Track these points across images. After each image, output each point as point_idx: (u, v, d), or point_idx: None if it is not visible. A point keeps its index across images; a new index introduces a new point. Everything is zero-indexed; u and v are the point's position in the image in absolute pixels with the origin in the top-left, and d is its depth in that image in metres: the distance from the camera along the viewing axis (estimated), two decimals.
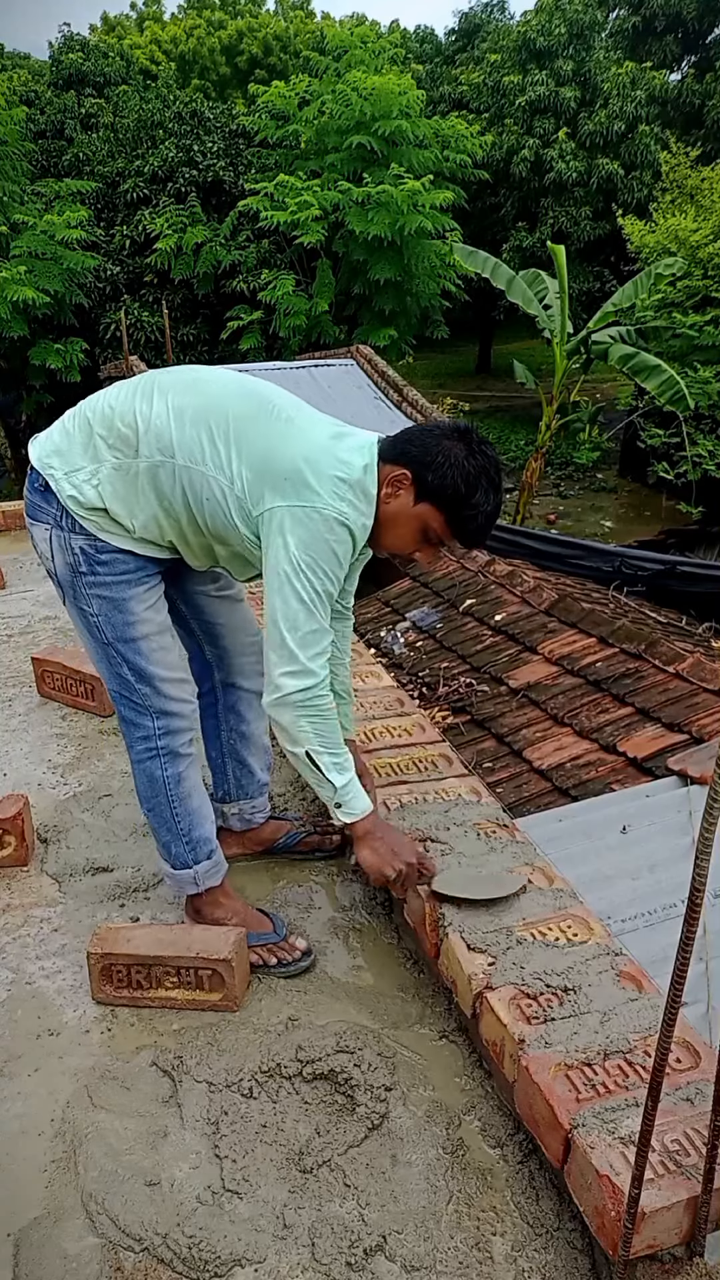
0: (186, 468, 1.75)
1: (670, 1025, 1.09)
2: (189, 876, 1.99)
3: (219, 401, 1.78)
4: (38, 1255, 1.44)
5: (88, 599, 1.84)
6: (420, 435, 1.79)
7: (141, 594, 1.86)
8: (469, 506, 1.75)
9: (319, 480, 1.72)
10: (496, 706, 4.59)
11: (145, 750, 1.93)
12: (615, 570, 7.02)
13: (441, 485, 1.74)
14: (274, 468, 1.73)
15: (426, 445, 1.75)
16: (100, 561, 1.81)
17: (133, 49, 24.09)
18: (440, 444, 1.75)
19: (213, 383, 1.83)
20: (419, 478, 1.75)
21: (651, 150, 18.46)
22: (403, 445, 1.78)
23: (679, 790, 3.40)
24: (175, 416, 1.76)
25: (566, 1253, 1.42)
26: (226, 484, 1.74)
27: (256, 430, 1.76)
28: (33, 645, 3.47)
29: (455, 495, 1.74)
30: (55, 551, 1.84)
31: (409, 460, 1.76)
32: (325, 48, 17.95)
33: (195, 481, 1.75)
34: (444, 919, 1.81)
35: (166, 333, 10.11)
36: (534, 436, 13.31)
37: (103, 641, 1.87)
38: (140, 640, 1.86)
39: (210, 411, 1.76)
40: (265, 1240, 1.44)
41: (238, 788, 2.23)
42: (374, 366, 11.74)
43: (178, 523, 1.81)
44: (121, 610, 1.84)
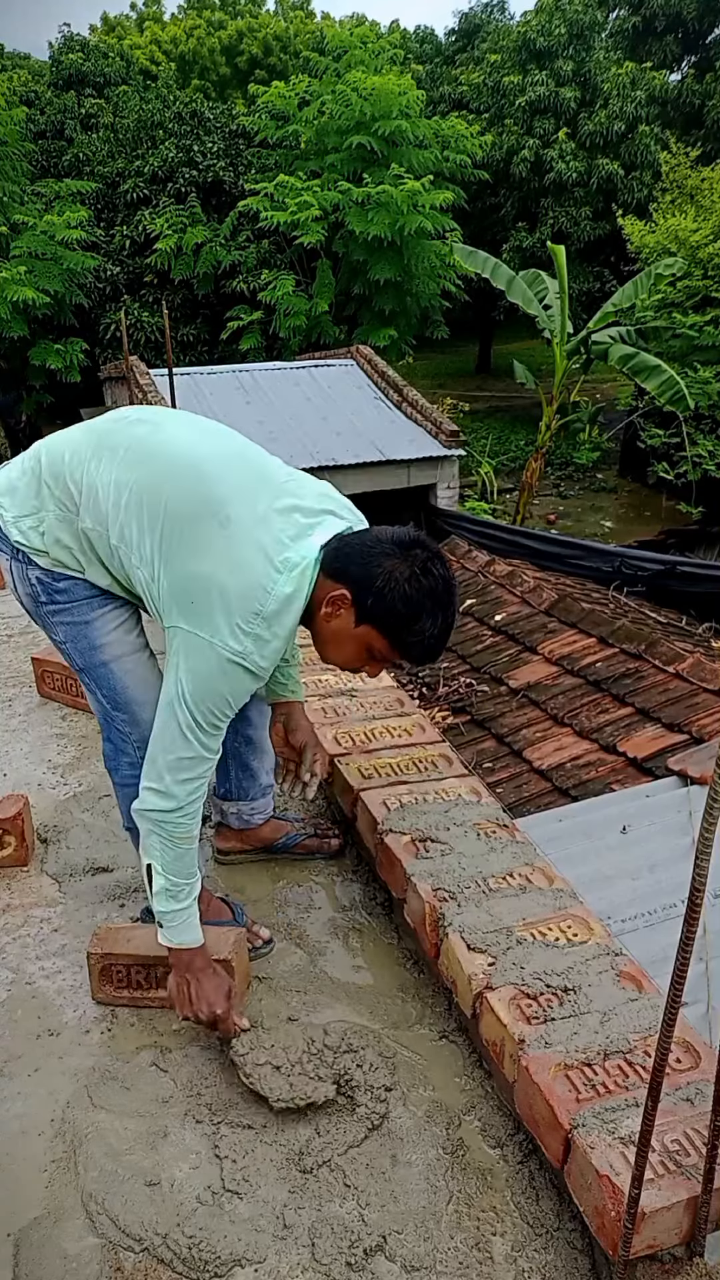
0: (118, 547, 1.68)
1: (670, 1025, 1.09)
2: None
3: (160, 489, 1.64)
4: (38, 1255, 1.44)
5: (54, 628, 1.82)
6: (362, 551, 1.62)
7: (106, 615, 1.80)
8: (412, 633, 1.63)
9: (227, 613, 1.57)
10: (496, 706, 4.59)
11: (130, 776, 1.83)
12: (615, 570, 7.02)
13: (382, 610, 1.61)
14: (188, 586, 1.60)
15: (368, 565, 1.60)
16: (58, 590, 1.78)
17: (133, 49, 24.11)
18: (382, 564, 1.59)
19: (162, 458, 1.68)
20: (358, 600, 1.61)
21: (651, 150, 18.48)
22: (344, 561, 1.63)
23: (679, 790, 3.40)
24: (115, 492, 1.67)
25: (566, 1253, 1.42)
26: (148, 579, 1.66)
27: (185, 536, 1.61)
28: (33, 645, 3.47)
29: (396, 621, 1.62)
30: (17, 582, 1.81)
31: (349, 580, 1.62)
32: (325, 48, 17.98)
33: (125, 562, 1.69)
34: (444, 919, 1.81)
35: (166, 333, 10.08)
36: (534, 436, 13.31)
37: (77, 667, 1.84)
38: (111, 663, 1.81)
39: (148, 498, 1.64)
40: (265, 1240, 1.44)
41: (238, 788, 2.21)
42: (374, 366, 11.74)
43: (127, 580, 1.73)
44: (86, 636, 1.80)
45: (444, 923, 1.80)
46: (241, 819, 2.24)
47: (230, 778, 2.19)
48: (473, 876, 1.91)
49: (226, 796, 2.23)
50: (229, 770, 2.18)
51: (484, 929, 1.76)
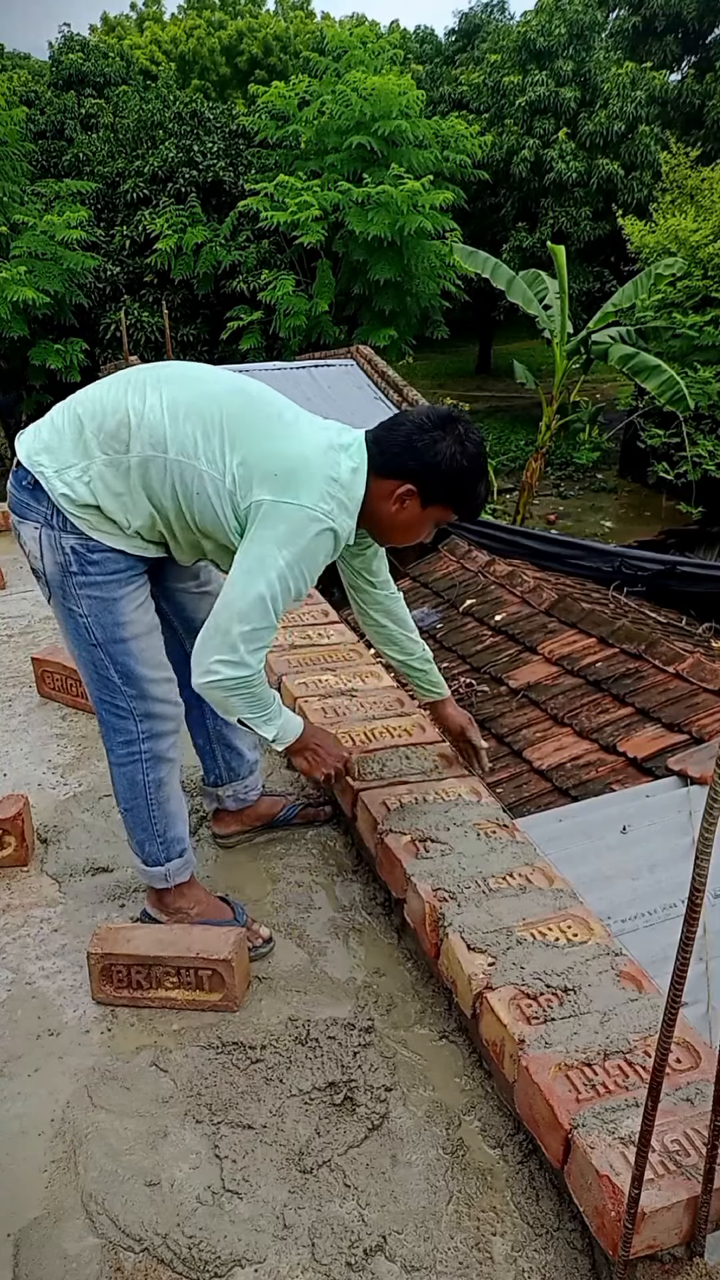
0: (179, 462, 1.74)
1: (670, 1025, 1.09)
2: (160, 873, 2.01)
3: (213, 397, 1.78)
4: (38, 1255, 1.44)
5: (77, 599, 1.82)
6: (409, 445, 1.79)
7: (131, 593, 1.85)
8: (474, 496, 1.86)
9: (309, 478, 1.73)
10: (496, 706, 4.59)
11: (127, 754, 1.92)
12: (615, 570, 7.01)
13: (448, 489, 1.82)
14: (265, 463, 1.73)
15: (421, 455, 1.78)
16: (91, 561, 1.79)
17: (133, 49, 24.11)
18: (436, 450, 1.78)
19: (205, 378, 1.83)
20: (425, 489, 1.81)
21: (651, 150, 18.47)
22: (398, 458, 1.80)
23: (679, 790, 3.40)
24: (169, 411, 1.74)
25: (566, 1253, 1.42)
26: (218, 477, 1.74)
27: (250, 426, 1.76)
28: (33, 645, 3.47)
29: (461, 493, 1.84)
30: (45, 551, 1.81)
31: (410, 475, 1.80)
32: (325, 48, 17.97)
33: (186, 476, 1.74)
34: (444, 919, 1.81)
35: (166, 333, 10.11)
36: (534, 436, 13.31)
37: (91, 643, 1.85)
38: (130, 640, 1.85)
39: (204, 406, 1.76)
40: (265, 1240, 1.44)
41: (228, 770, 2.26)
42: (374, 366, 11.74)
43: (167, 518, 1.80)
44: (111, 611, 1.83)
45: (444, 923, 1.80)
46: (238, 799, 2.30)
47: (218, 763, 2.25)
48: (473, 876, 1.91)
49: (218, 783, 2.28)
50: (215, 755, 2.24)
51: (484, 929, 1.76)
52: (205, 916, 2.04)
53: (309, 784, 2.55)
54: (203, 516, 1.78)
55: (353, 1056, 1.71)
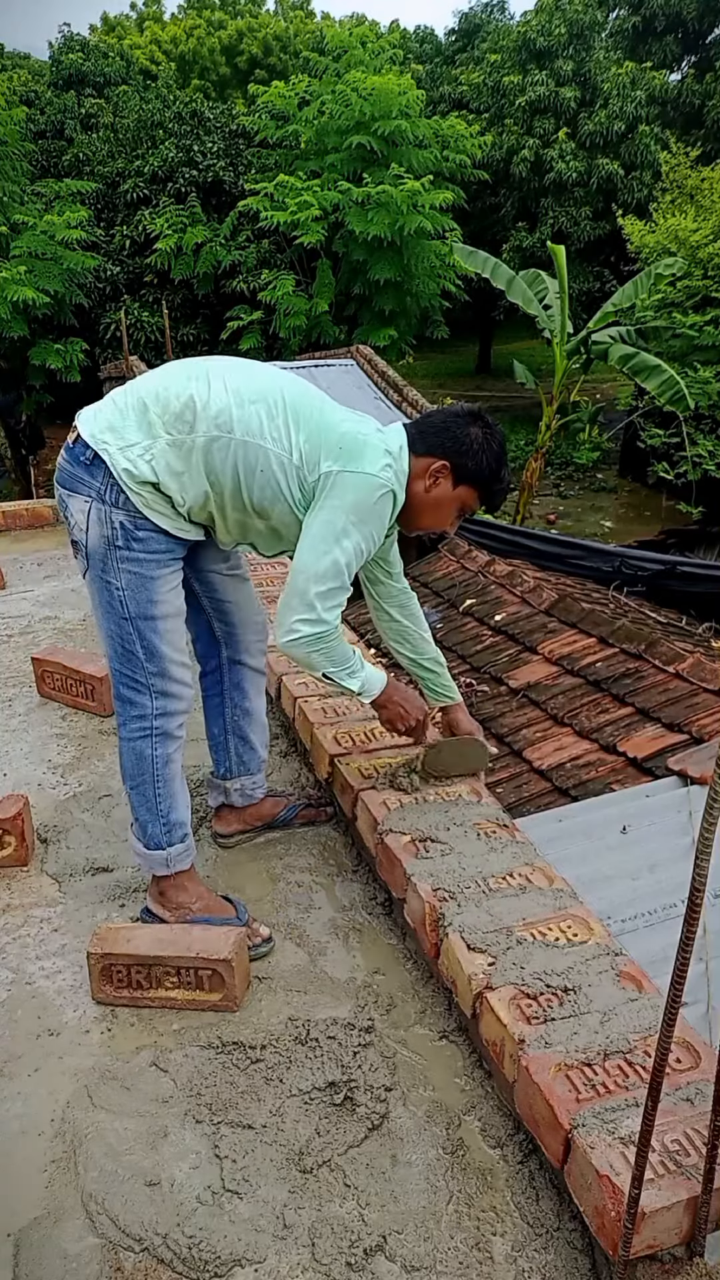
0: (244, 442, 1.87)
1: (670, 1025, 1.09)
2: (161, 858, 2.05)
3: (272, 384, 1.94)
4: (38, 1255, 1.44)
5: (118, 572, 1.91)
6: (446, 427, 2.00)
7: (167, 575, 1.95)
8: (499, 481, 2.04)
9: (370, 449, 1.91)
10: (496, 706, 4.59)
11: (139, 729, 2.00)
12: (615, 570, 7.01)
13: (479, 470, 2.00)
14: (329, 438, 1.91)
15: (457, 437, 1.98)
16: (137, 538, 1.89)
17: (133, 49, 24.10)
18: (467, 432, 1.99)
19: (259, 369, 2.00)
20: (458, 467, 1.99)
21: (651, 150, 18.46)
22: (434, 438, 2.00)
23: (679, 790, 3.40)
24: (234, 396, 1.88)
25: (566, 1253, 1.42)
26: (285, 454, 1.89)
27: (310, 408, 1.94)
28: (33, 645, 3.47)
29: (488, 476, 2.02)
30: (92, 524, 1.90)
31: (445, 452, 1.99)
32: (325, 48, 17.97)
33: (250, 455, 1.88)
34: (444, 919, 1.81)
35: (166, 333, 10.10)
36: (534, 436, 13.30)
37: (123, 616, 1.93)
38: (160, 620, 1.94)
39: (267, 391, 1.92)
40: (265, 1240, 1.44)
41: (239, 764, 2.32)
42: (374, 366, 11.73)
43: (221, 497, 1.91)
44: (147, 588, 1.92)
45: (444, 923, 1.80)
46: (245, 795, 2.37)
47: (230, 754, 2.31)
48: (473, 876, 1.91)
49: (228, 775, 2.33)
50: (229, 746, 2.31)
51: (484, 929, 1.76)
52: (207, 913, 2.05)
53: (309, 784, 2.56)
54: (262, 493, 1.91)
55: (353, 1056, 1.71)
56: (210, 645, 2.25)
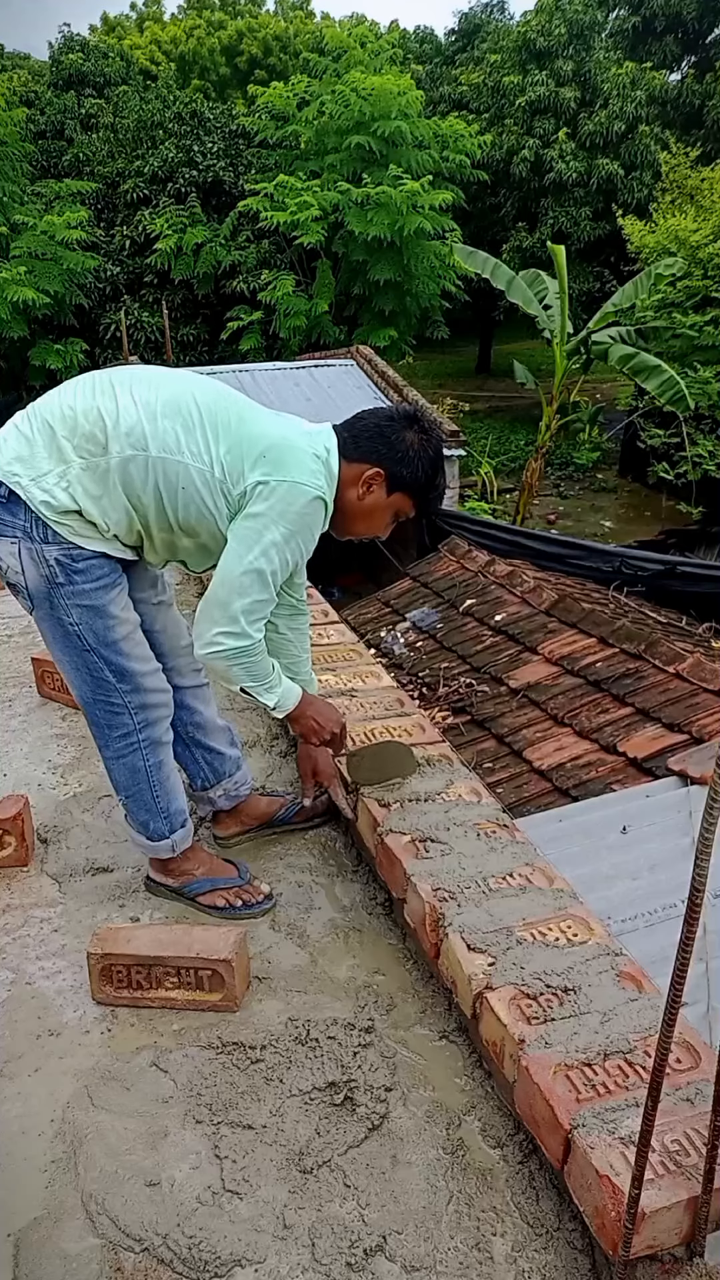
0: (161, 458, 1.77)
1: (670, 1025, 1.09)
2: (167, 846, 2.07)
3: (184, 393, 1.82)
4: (38, 1255, 1.44)
5: (67, 609, 1.83)
6: (380, 432, 1.91)
7: (116, 596, 1.88)
8: (434, 488, 1.96)
9: (297, 456, 1.81)
10: (496, 707, 4.59)
11: (126, 746, 1.97)
12: (615, 570, 7.01)
13: (414, 477, 1.91)
14: (252, 448, 1.80)
15: (391, 443, 1.89)
16: (77, 570, 1.81)
17: (133, 49, 24.13)
18: (402, 438, 1.90)
19: (171, 377, 1.87)
20: (392, 474, 1.90)
21: (651, 150, 18.48)
22: (367, 444, 1.90)
23: (679, 790, 3.40)
24: (144, 410, 1.77)
25: (566, 1253, 1.42)
26: (206, 469, 1.78)
27: (227, 415, 1.82)
28: (33, 645, 3.47)
29: (423, 482, 1.93)
30: (26, 565, 1.80)
31: (379, 459, 1.90)
32: (325, 48, 17.98)
33: (170, 471, 1.77)
34: (444, 919, 1.81)
35: (166, 333, 10.12)
36: (534, 436, 13.31)
37: (83, 649, 1.87)
38: (121, 641, 1.88)
39: (180, 402, 1.80)
40: (265, 1240, 1.44)
41: (213, 772, 2.26)
42: (374, 367, 11.74)
43: (145, 517, 1.82)
44: (102, 616, 1.85)
45: (444, 923, 1.80)
46: (230, 796, 2.30)
47: (201, 766, 2.25)
48: (473, 876, 1.91)
49: (205, 786, 2.28)
50: (197, 760, 2.24)
51: (484, 929, 1.76)
52: (211, 875, 2.10)
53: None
54: (186, 511, 1.81)
55: (353, 1056, 1.71)
56: None
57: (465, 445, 11.32)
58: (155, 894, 2.18)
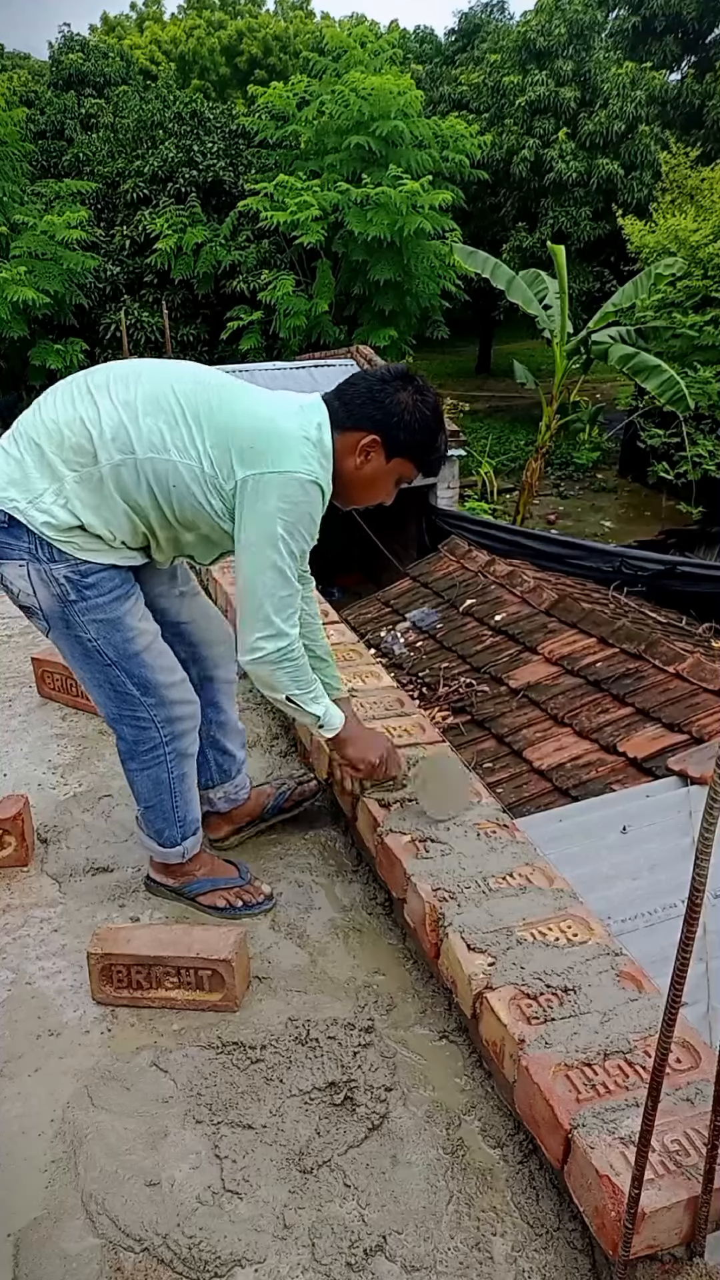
0: (150, 459, 1.74)
1: (670, 1025, 1.09)
2: (178, 852, 2.08)
3: (164, 387, 1.78)
4: (38, 1255, 1.44)
5: (84, 626, 1.82)
6: (372, 395, 1.82)
7: (132, 607, 1.86)
8: (434, 449, 1.88)
9: (285, 442, 1.76)
10: (496, 706, 4.59)
11: (153, 759, 1.96)
12: (615, 570, 7.02)
13: (412, 440, 1.84)
14: (238, 439, 1.75)
15: (385, 406, 1.81)
16: (88, 585, 1.79)
17: (133, 49, 24.13)
18: (396, 399, 1.81)
19: (147, 371, 1.82)
20: (390, 439, 1.83)
21: (651, 150, 18.48)
22: (359, 409, 1.82)
23: (679, 790, 3.40)
24: (125, 412, 1.74)
25: (566, 1253, 1.42)
26: (194, 464, 1.75)
27: (209, 405, 1.77)
28: (33, 645, 3.47)
29: (422, 445, 1.86)
30: (37, 586, 1.79)
31: (374, 425, 1.82)
32: (324, 48, 17.97)
33: (160, 471, 1.75)
34: (444, 919, 1.81)
35: (166, 333, 10.11)
36: (534, 436, 13.30)
37: (105, 664, 1.85)
38: (143, 653, 1.87)
39: (159, 398, 1.76)
40: (265, 1240, 1.44)
41: (220, 773, 2.26)
42: (374, 367, 11.72)
43: (146, 519, 1.80)
44: (120, 629, 1.84)
45: (444, 923, 1.80)
46: (229, 799, 2.31)
47: (210, 766, 2.25)
48: (473, 876, 1.91)
49: (210, 785, 2.27)
50: (208, 759, 2.23)
51: (484, 929, 1.76)
52: (211, 875, 2.11)
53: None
54: (182, 508, 1.79)
55: (353, 1056, 1.71)
56: None
57: (465, 445, 11.32)
58: (155, 894, 2.18)
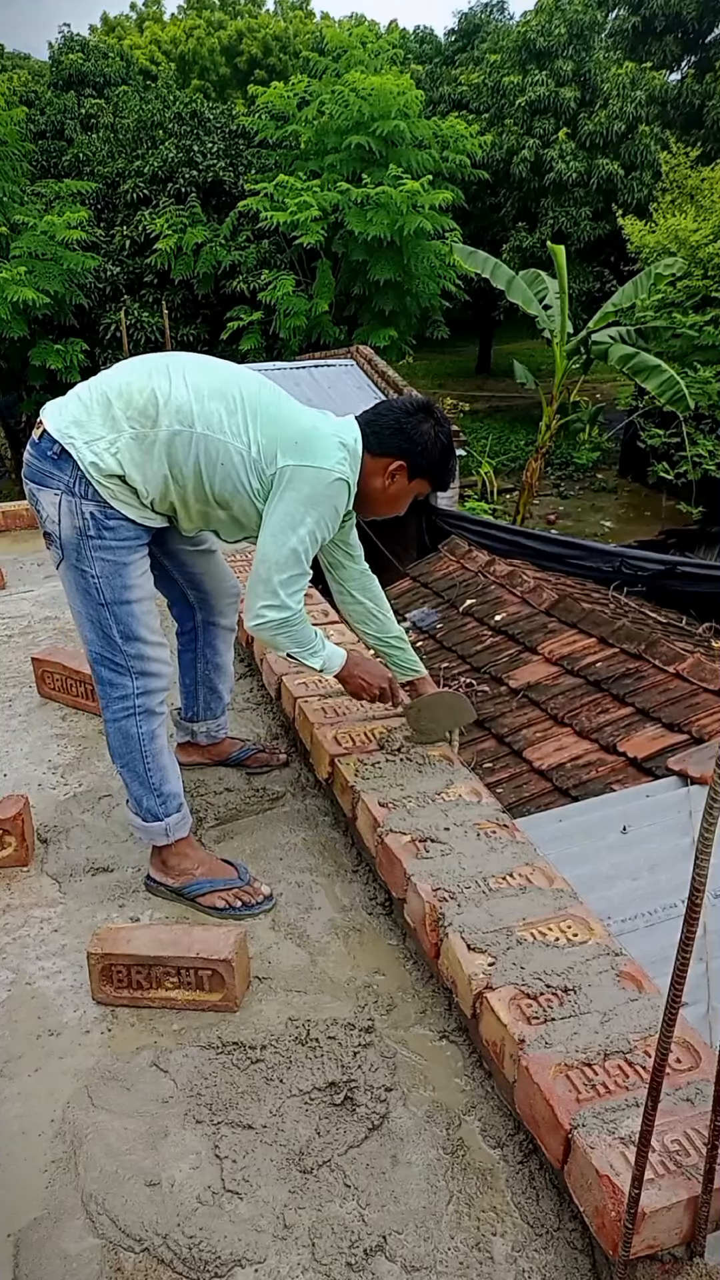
0: (205, 435, 1.95)
1: (670, 1025, 1.09)
2: (161, 829, 2.13)
3: (231, 380, 2.03)
4: (38, 1255, 1.44)
5: (91, 561, 1.98)
6: (401, 429, 2.10)
7: (138, 561, 2.03)
8: (448, 470, 2.18)
9: (323, 444, 2.01)
10: (496, 707, 4.59)
11: (122, 709, 2.07)
12: (615, 570, 7.01)
13: (431, 465, 2.13)
14: (285, 433, 2.00)
15: (411, 436, 2.10)
16: (108, 527, 1.97)
17: (132, 49, 24.11)
18: (420, 430, 2.10)
19: (219, 365, 2.08)
20: (414, 465, 2.12)
21: (651, 150, 18.47)
22: (390, 440, 2.10)
23: (679, 790, 3.40)
24: (194, 391, 1.96)
25: (567, 1253, 1.42)
26: (244, 448, 1.98)
27: (266, 404, 2.03)
28: (33, 645, 3.47)
29: (439, 468, 2.15)
30: (63, 516, 1.96)
31: (401, 453, 2.10)
32: (324, 48, 17.97)
33: (211, 448, 1.96)
34: (444, 919, 1.81)
35: (166, 333, 10.11)
36: (534, 436, 13.30)
37: (99, 603, 2.00)
38: (134, 604, 2.02)
39: (225, 388, 2.00)
40: (265, 1240, 1.44)
41: (206, 709, 2.53)
42: (374, 367, 11.73)
43: (183, 489, 2.00)
44: (121, 574, 2.00)
45: (444, 923, 1.80)
46: (210, 736, 2.58)
47: (199, 702, 2.52)
48: (473, 876, 1.91)
49: (194, 718, 2.53)
50: (198, 695, 2.50)
51: (484, 929, 1.76)
52: (210, 876, 2.15)
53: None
54: (223, 486, 2.00)
55: (353, 1056, 1.71)
56: (185, 609, 2.41)
57: (465, 445, 11.32)
58: (155, 894, 2.18)
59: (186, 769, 2.49)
